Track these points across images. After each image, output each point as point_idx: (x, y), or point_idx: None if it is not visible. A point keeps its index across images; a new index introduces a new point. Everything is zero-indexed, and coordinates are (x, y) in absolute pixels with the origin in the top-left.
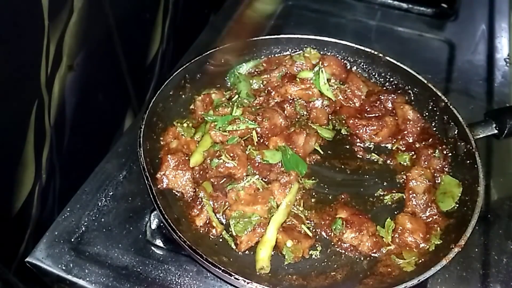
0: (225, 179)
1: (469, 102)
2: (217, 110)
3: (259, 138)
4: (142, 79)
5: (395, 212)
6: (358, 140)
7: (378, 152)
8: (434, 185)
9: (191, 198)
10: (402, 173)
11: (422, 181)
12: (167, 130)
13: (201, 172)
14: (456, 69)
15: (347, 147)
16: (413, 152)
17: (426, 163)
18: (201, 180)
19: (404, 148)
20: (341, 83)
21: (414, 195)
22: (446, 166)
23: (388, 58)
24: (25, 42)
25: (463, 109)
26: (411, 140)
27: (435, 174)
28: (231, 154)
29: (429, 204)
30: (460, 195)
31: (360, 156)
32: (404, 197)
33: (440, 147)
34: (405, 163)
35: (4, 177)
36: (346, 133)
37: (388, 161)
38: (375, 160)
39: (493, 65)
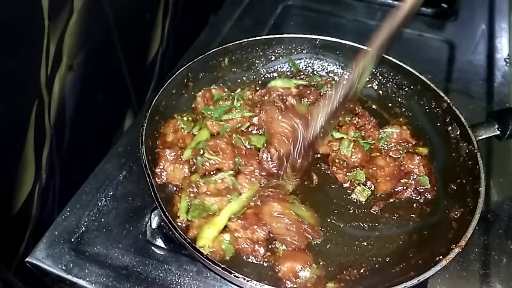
0: (215, 172)
1: (469, 102)
2: (217, 103)
3: (257, 131)
4: (142, 79)
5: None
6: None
7: None
8: None
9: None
10: None
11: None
12: (167, 122)
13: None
14: (456, 69)
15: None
16: None
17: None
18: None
19: None
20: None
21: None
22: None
23: (390, 57)
24: (25, 42)
25: (463, 109)
26: None
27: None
28: (214, 150)
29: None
30: None
31: None
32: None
33: None
34: None
35: (4, 177)
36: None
37: None
38: None
39: (493, 65)
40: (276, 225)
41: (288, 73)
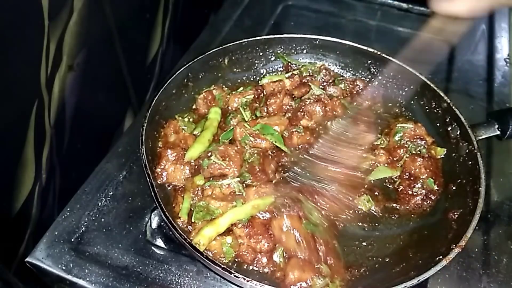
0: (218, 177)
1: (469, 102)
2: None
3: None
4: (142, 79)
5: None
6: None
7: None
8: None
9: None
10: None
11: None
12: (168, 123)
13: (197, 167)
14: (456, 69)
15: None
16: None
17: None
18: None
19: None
20: None
21: None
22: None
23: (390, 57)
24: (25, 42)
25: (463, 109)
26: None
27: None
28: (222, 155)
29: None
30: None
31: None
32: None
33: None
34: None
35: (4, 177)
36: None
37: None
38: None
39: (493, 65)
40: (285, 239)
41: (280, 69)
